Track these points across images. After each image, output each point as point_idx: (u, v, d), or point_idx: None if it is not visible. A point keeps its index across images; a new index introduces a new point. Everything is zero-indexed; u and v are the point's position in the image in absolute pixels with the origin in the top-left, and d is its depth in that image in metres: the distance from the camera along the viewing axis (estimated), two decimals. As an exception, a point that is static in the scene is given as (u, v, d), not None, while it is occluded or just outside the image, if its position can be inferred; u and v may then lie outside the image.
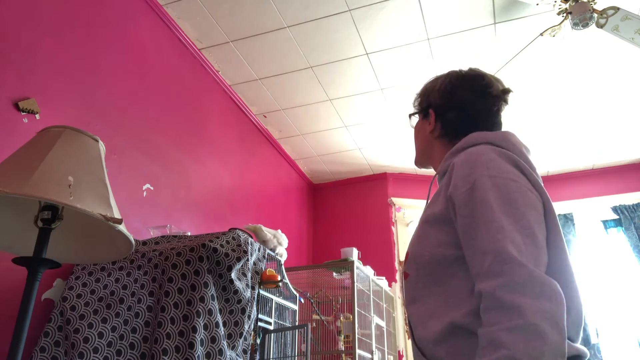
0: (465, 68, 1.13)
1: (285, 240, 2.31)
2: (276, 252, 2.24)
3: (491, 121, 1.07)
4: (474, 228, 0.82)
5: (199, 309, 1.55)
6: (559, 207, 4.36)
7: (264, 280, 1.96)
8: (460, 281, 0.85)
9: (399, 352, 3.89)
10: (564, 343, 0.69)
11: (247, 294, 1.78)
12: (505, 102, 1.08)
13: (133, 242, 1.26)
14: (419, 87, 1.20)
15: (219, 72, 3.21)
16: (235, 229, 1.91)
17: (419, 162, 1.18)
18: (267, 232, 2.24)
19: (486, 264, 0.77)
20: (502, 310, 0.71)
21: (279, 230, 2.35)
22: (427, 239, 0.92)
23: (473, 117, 1.06)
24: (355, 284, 2.99)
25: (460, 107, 1.07)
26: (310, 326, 2.16)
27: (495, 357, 0.69)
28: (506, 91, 1.08)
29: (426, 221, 0.95)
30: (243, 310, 1.72)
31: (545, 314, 0.69)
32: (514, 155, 0.90)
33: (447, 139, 1.08)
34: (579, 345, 0.82)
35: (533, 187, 0.87)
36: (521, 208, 0.81)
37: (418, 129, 1.16)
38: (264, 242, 2.23)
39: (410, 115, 1.19)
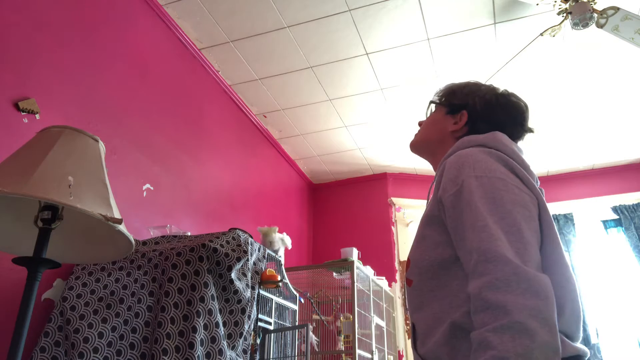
0: (505, 89, 1.13)
1: (289, 242, 2.34)
2: (279, 254, 2.25)
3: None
4: (462, 230, 0.83)
5: (199, 309, 1.55)
6: (559, 207, 4.36)
7: (264, 280, 1.96)
8: (460, 282, 0.85)
9: (399, 352, 3.89)
10: (555, 339, 0.68)
11: (247, 294, 1.78)
12: (526, 134, 1.11)
13: (133, 242, 1.26)
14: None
15: (219, 72, 3.21)
16: (235, 229, 1.91)
17: (418, 148, 1.15)
18: (277, 235, 2.28)
19: (472, 263, 0.78)
20: (489, 310, 0.71)
21: (285, 233, 2.37)
22: (424, 242, 0.92)
23: None
24: (355, 284, 2.99)
25: (496, 125, 1.07)
26: (310, 326, 2.16)
27: (484, 359, 0.68)
28: (530, 130, 1.11)
29: (422, 223, 0.95)
30: (243, 310, 1.72)
31: (532, 310, 0.69)
32: (504, 154, 0.91)
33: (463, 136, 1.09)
34: (578, 344, 0.81)
35: (524, 185, 0.87)
36: (507, 205, 0.81)
37: (435, 120, 1.14)
38: (270, 243, 2.25)
39: (433, 103, 1.16)
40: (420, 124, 1.19)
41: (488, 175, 0.85)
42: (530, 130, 1.11)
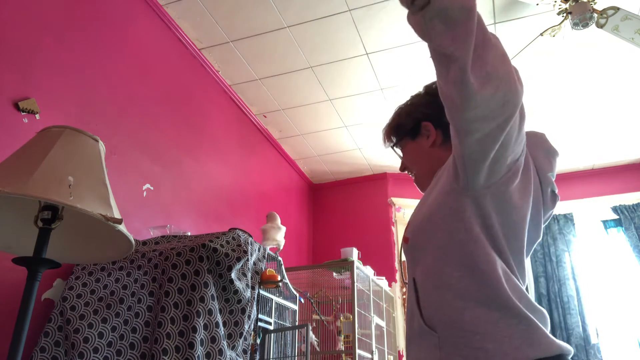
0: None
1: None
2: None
3: None
4: None
5: (199, 309, 1.55)
6: (559, 207, 4.36)
7: (264, 280, 1.96)
8: (456, 246, 0.88)
9: (399, 352, 3.89)
10: None
11: (247, 294, 1.78)
12: None
13: (133, 242, 1.26)
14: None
15: (219, 72, 3.20)
16: (235, 229, 1.91)
17: (426, 182, 1.10)
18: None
19: None
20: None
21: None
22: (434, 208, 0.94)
23: None
24: (355, 284, 2.99)
25: None
26: (310, 326, 2.16)
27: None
28: None
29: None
30: (243, 310, 1.72)
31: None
32: None
33: (449, 143, 1.07)
34: (560, 341, 0.78)
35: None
36: None
37: (413, 153, 1.12)
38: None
39: (396, 145, 1.15)
40: (402, 169, 1.17)
41: None
42: None
